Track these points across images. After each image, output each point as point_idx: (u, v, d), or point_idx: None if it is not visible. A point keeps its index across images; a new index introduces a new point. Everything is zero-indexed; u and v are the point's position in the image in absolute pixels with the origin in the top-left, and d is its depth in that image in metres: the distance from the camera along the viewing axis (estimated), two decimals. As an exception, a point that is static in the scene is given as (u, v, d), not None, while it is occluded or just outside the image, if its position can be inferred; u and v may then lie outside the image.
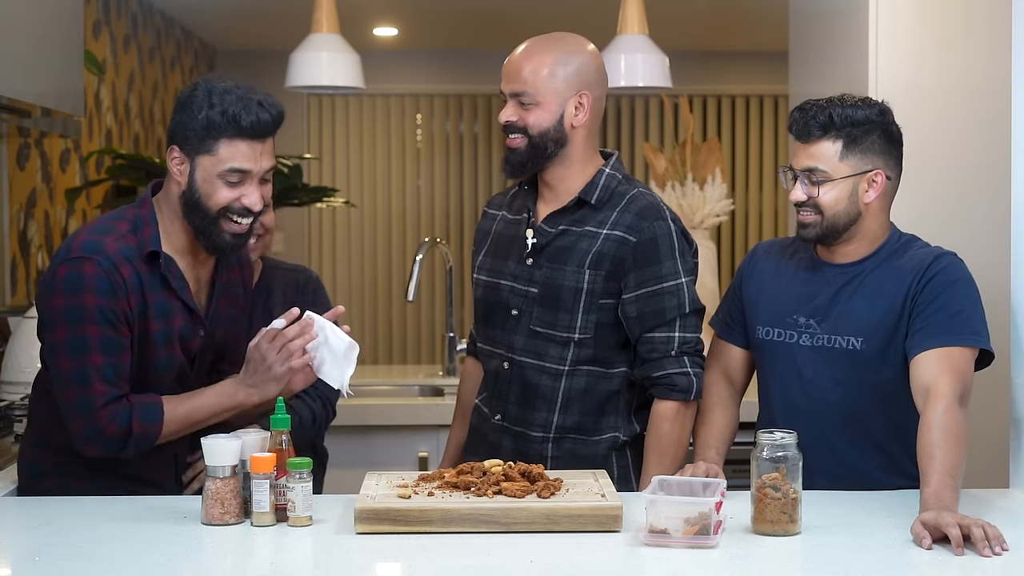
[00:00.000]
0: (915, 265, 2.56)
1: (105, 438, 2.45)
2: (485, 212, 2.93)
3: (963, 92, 3.46)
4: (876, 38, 3.49)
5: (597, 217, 2.70)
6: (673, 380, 2.67)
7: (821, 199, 2.54)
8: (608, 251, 2.67)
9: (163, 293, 2.51)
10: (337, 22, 4.51)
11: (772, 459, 2.23)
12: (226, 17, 6.37)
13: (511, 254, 2.77)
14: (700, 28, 6.59)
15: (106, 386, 2.43)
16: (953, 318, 2.49)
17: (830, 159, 2.54)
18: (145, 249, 2.49)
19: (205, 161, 2.46)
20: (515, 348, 2.74)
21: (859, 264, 2.61)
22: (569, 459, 2.71)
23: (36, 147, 4.43)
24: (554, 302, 2.70)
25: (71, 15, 3.66)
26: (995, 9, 3.36)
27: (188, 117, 2.46)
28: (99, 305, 2.43)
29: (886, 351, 2.55)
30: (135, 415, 2.45)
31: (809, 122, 2.54)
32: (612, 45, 4.48)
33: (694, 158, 4.70)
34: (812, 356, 2.60)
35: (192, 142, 2.46)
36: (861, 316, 2.56)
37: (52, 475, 2.59)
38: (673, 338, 2.68)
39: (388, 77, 7.43)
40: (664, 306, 2.67)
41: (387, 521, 2.22)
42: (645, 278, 2.67)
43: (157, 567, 2.09)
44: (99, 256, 2.44)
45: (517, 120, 2.69)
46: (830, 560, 2.14)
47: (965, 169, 3.48)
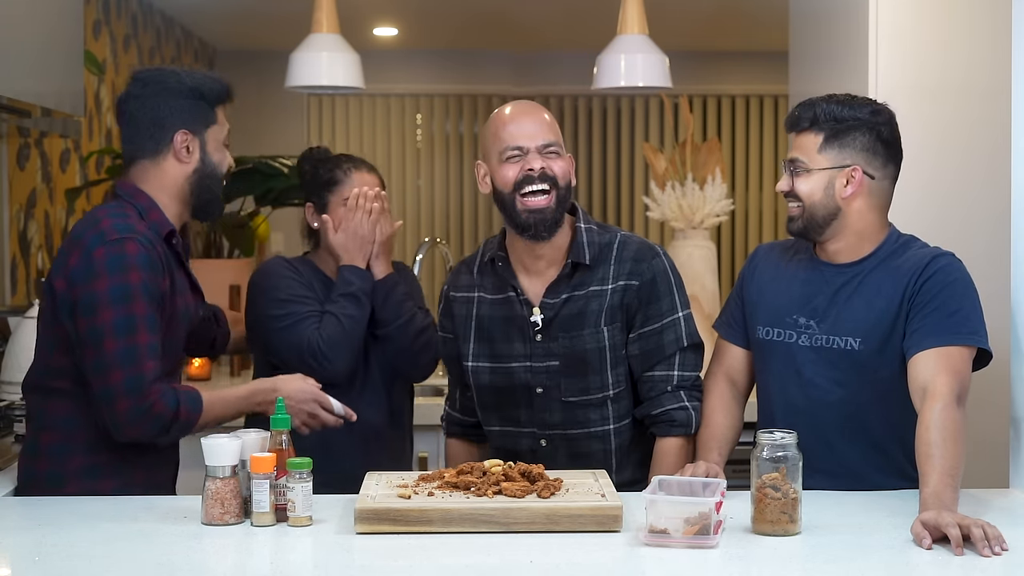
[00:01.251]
0: (913, 265, 2.57)
1: (152, 417, 2.46)
2: (452, 296, 2.86)
3: (963, 92, 3.46)
4: (876, 38, 3.49)
5: (596, 275, 2.71)
6: (672, 416, 2.70)
7: (797, 188, 2.60)
8: (617, 303, 2.70)
9: (179, 272, 2.60)
10: (337, 22, 4.51)
11: (772, 459, 2.23)
12: (226, 17, 6.36)
13: (513, 336, 2.75)
14: (700, 28, 6.59)
15: (154, 363, 2.47)
16: (951, 317, 2.49)
17: (809, 150, 2.60)
18: (164, 230, 2.56)
19: (213, 131, 2.64)
20: (551, 424, 2.74)
21: (858, 264, 2.61)
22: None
23: (36, 147, 4.43)
24: (582, 368, 2.70)
25: (71, 15, 3.66)
26: (995, 9, 3.36)
27: (189, 96, 2.60)
28: (144, 281, 2.47)
29: (884, 351, 2.55)
30: (182, 400, 2.49)
31: (798, 115, 2.62)
32: (612, 45, 4.48)
33: (694, 158, 4.70)
34: (811, 356, 2.61)
35: (200, 116, 2.61)
36: (859, 316, 2.57)
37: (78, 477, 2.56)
38: (672, 376, 2.71)
39: (388, 77, 7.42)
40: (663, 342, 2.71)
41: (387, 521, 2.22)
42: (648, 316, 2.71)
43: (157, 567, 2.09)
44: (137, 235, 2.49)
45: (547, 169, 2.66)
46: (830, 560, 2.14)
47: (965, 169, 3.48)
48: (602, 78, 4.47)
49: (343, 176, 3.06)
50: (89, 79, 4.94)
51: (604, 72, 4.47)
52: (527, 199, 2.65)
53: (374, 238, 3.01)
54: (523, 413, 2.76)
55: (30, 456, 2.62)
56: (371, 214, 3.00)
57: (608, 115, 7.91)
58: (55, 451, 2.58)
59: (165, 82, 2.60)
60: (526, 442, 2.77)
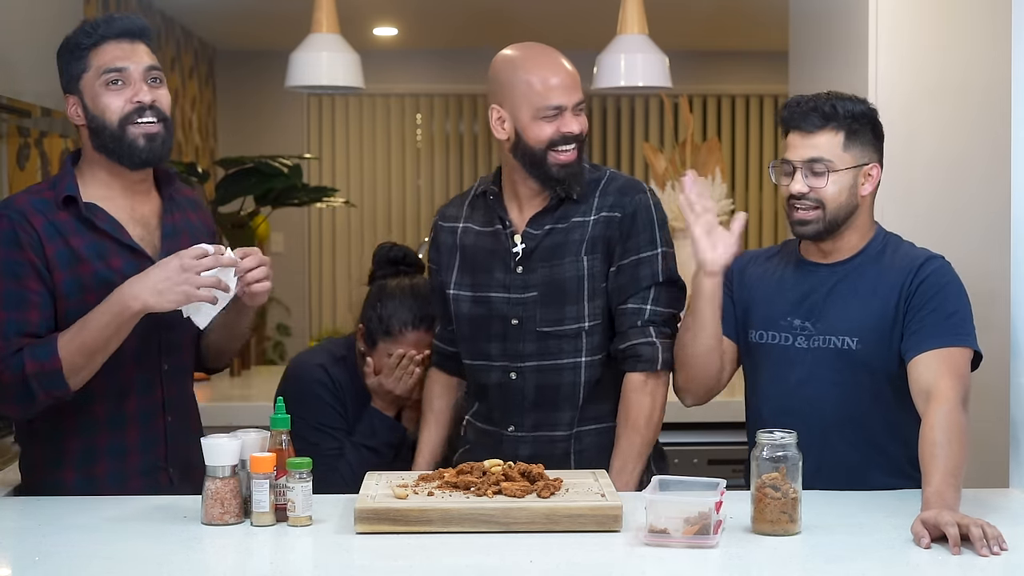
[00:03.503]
0: (907, 264, 2.56)
1: (6, 390, 2.40)
2: (439, 226, 2.85)
3: (962, 92, 3.46)
4: (876, 38, 3.49)
5: (580, 208, 2.71)
6: (638, 351, 2.67)
7: (826, 190, 2.53)
8: (599, 234, 2.69)
9: (93, 236, 2.49)
10: (337, 22, 4.51)
11: (772, 459, 2.23)
12: (226, 17, 6.37)
13: (495, 266, 2.75)
14: (700, 28, 6.59)
15: (4, 341, 2.40)
16: (949, 319, 2.49)
17: (834, 149, 2.54)
18: (60, 197, 2.49)
19: (87, 80, 2.50)
20: (524, 355, 2.73)
21: (849, 262, 2.60)
22: (594, 451, 2.71)
23: (36, 147, 4.43)
24: (559, 297, 2.69)
25: (71, 15, 3.66)
26: (995, 9, 3.36)
27: (63, 61, 2.53)
28: (4, 258, 2.42)
29: (881, 350, 2.55)
30: (27, 357, 2.39)
31: (810, 113, 2.54)
32: (612, 45, 4.48)
33: (694, 158, 4.71)
34: (808, 357, 2.60)
35: (73, 74, 2.51)
36: (855, 315, 2.56)
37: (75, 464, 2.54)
38: (643, 310, 2.68)
39: (388, 77, 7.42)
40: (639, 275, 2.68)
41: (387, 521, 2.22)
42: (627, 249, 2.69)
43: (157, 567, 2.09)
44: (7, 210, 2.46)
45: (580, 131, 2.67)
46: (830, 560, 2.14)
47: (964, 168, 3.48)
48: (602, 78, 4.48)
49: (397, 333, 3.02)
50: (89, 79, 4.93)
51: (604, 72, 4.47)
52: (560, 154, 2.66)
53: (408, 397, 3.03)
54: (495, 346, 2.75)
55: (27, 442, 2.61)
56: (412, 377, 3.01)
57: (608, 115, 7.91)
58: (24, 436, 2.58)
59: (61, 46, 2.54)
60: (496, 375, 2.76)
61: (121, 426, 2.56)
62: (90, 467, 2.55)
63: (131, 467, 2.57)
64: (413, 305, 3.03)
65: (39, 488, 2.57)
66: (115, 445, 2.56)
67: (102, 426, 2.54)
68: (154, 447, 2.60)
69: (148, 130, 2.49)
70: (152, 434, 2.60)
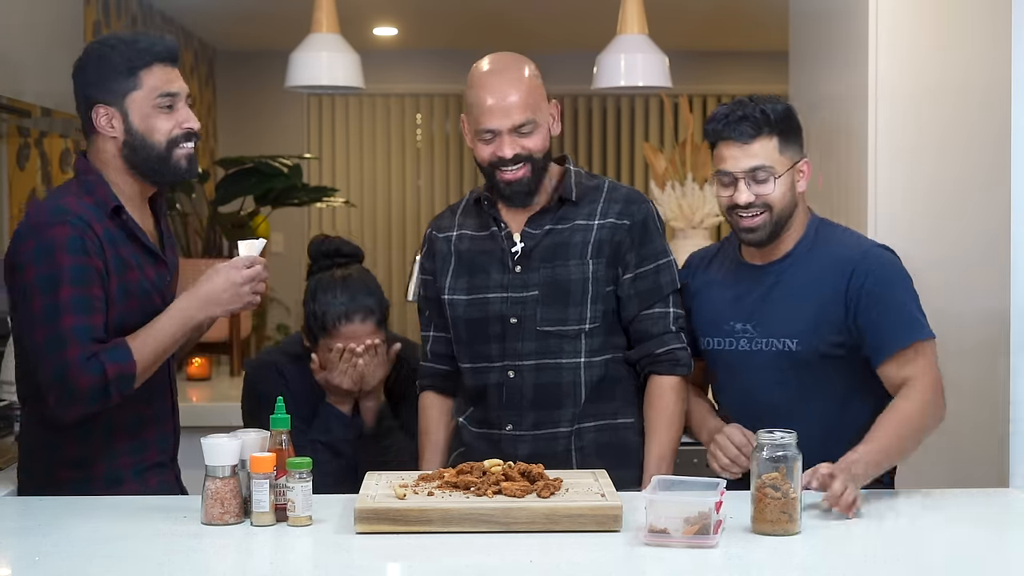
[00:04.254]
0: (845, 259, 2.59)
1: (84, 394, 2.42)
2: (434, 236, 2.87)
3: (962, 91, 3.46)
4: (876, 38, 3.49)
5: (582, 211, 2.75)
6: (676, 356, 2.72)
7: (773, 195, 2.57)
8: (605, 238, 2.72)
9: (132, 246, 2.55)
10: (337, 22, 4.51)
11: (772, 459, 2.23)
12: (226, 17, 6.36)
13: (491, 267, 2.76)
14: (700, 28, 6.59)
15: (80, 348, 2.42)
16: (901, 315, 2.54)
17: (772, 154, 2.57)
18: (108, 206, 2.52)
19: (135, 98, 2.52)
20: (523, 354, 2.74)
21: (783, 261, 2.64)
22: (593, 448, 2.72)
23: (36, 147, 4.43)
24: (562, 297, 2.71)
25: (71, 15, 3.66)
26: (995, 9, 3.35)
27: (101, 71, 2.53)
28: (73, 264, 2.44)
29: (820, 346, 2.58)
30: (106, 361, 2.43)
31: (741, 122, 2.56)
32: (612, 45, 4.48)
33: (694, 158, 4.71)
34: (753, 360, 2.63)
35: (115, 90, 2.52)
36: (791, 316, 2.60)
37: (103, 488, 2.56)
38: (669, 313, 2.74)
39: (388, 77, 7.42)
40: (661, 282, 2.74)
41: (387, 521, 2.22)
42: (643, 257, 2.74)
43: (157, 567, 2.09)
44: (69, 216, 2.46)
45: (521, 151, 2.69)
46: (830, 560, 2.14)
47: (964, 168, 3.48)
48: (602, 78, 4.48)
49: (332, 328, 2.98)
50: (89, 79, 4.93)
51: (604, 72, 4.47)
52: (504, 173, 2.69)
53: (358, 389, 3.00)
54: (494, 347, 2.76)
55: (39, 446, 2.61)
56: (355, 369, 2.98)
57: (608, 115, 7.91)
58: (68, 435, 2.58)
59: (89, 56, 2.55)
60: (495, 376, 2.76)
61: (140, 428, 2.60)
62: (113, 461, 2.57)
63: (148, 460, 2.61)
64: (346, 298, 2.99)
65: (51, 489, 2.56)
66: (135, 446, 2.59)
67: (121, 429, 2.57)
68: (168, 445, 2.68)
69: (189, 152, 2.58)
70: (165, 432, 2.67)
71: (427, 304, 2.89)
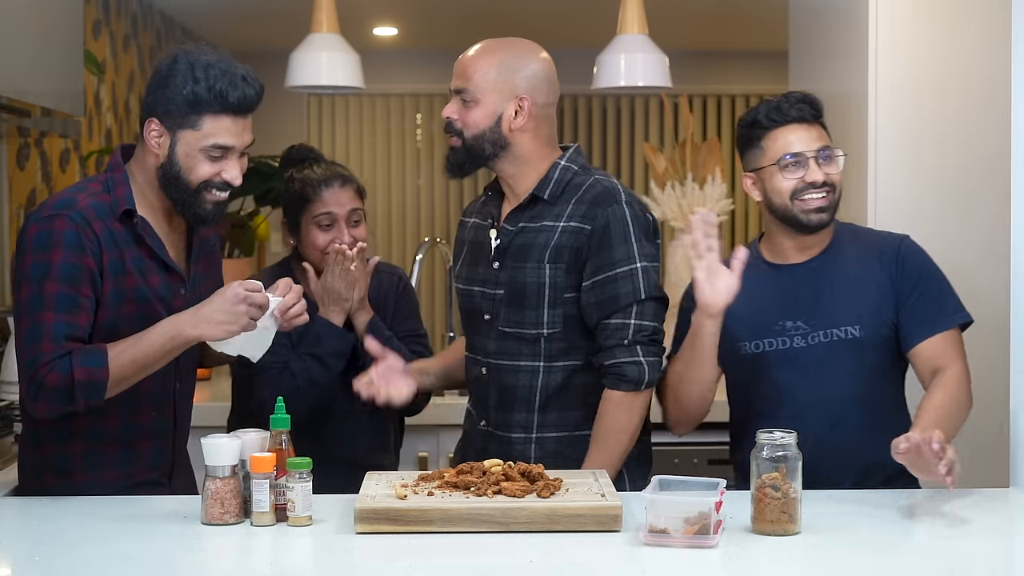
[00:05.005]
0: (882, 249, 2.68)
1: (47, 391, 2.39)
2: (462, 221, 2.92)
3: (963, 90, 3.46)
4: (876, 37, 3.49)
5: (554, 211, 2.69)
6: (623, 370, 2.63)
7: (839, 176, 2.66)
8: (566, 243, 2.66)
9: (138, 251, 2.51)
10: (337, 22, 4.51)
11: (772, 459, 2.23)
12: (226, 17, 6.36)
13: (480, 260, 2.78)
14: (700, 28, 6.59)
15: (53, 344, 2.39)
16: (937, 301, 2.63)
17: (829, 140, 2.68)
18: (119, 208, 2.49)
19: (188, 136, 2.48)
20: (489, 352, 2.74)
21: (823, 255, 2.70)
22: (554, 459, 2.68)
23: (36, 147, 4.43)
24: (520, 300, 2.69)
25: (71, 15, 3.66)
26: (995, 9, 3.35)
27: (171, 91, 2.47)
28: (65, 260, 2.42)
29: (881, 330, 2.64)
30: (76, 363, 2.39)
31: (801, 104, 2.66)
32: (612, 45, 4.48)
33: (694, 158, 4.70)
34: (810, 354, 2.64)
35: (175, 116, 2.47)
36: (850, 304, 2.64)
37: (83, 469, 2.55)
38: (628, 325, 2.63)
39: (388, 77, 7.42)
40: (618, 292, 2.63)
41: (387, 521, 2.22)
42: (599, 265, 2.64)
43: (157, 567, 2.09)
44: (70, 211, 2.44)
45: (456, 119, 2.70)
46: (830, 560, 2.14)
47: (965, 166, 3.48)
48: (602, 78, 4.48)
49: (312, 194, 3.00)
50: (89, 79, 4.94)
51: (604, 72, 4.47)
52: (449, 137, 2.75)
53: (351, 295, 2.98)
54: (476, 340, 2.79)
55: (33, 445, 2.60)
56: (348, 273, 2.97)
57: (608, 115, 7.91)
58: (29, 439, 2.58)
59: (169, 68, 2.49)
60: (473, 369, 2.80)
61: (132, 438, 2.57)
62: (98, 473, 2.55)
63: (138, 477, 2.58)
64: (322, 169, 3.03)
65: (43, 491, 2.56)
66: (124, 455, 2.57)
67: (113, 437, 2.55)
68: (162, 461, 2.63)
69: (218, 199, 2.53)
70: (162, 447, 2.63)
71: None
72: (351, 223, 3.02)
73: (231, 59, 2.52)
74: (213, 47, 2.55)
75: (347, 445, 3.04)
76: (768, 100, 2.69)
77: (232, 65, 2.50)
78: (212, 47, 2.55)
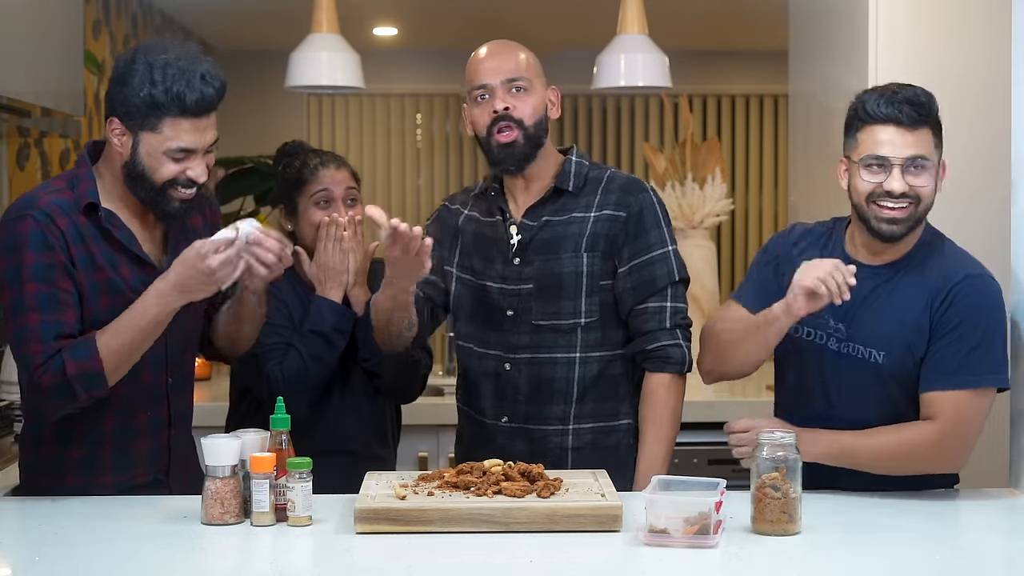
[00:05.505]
0: (941, 280, 2.48)
1: (47, 392, 2.40)
2: (445, 207, 2.89)
3: (963, 90, 3.46)
4: (876, 38, 3.49)
5: (580, 202, 2.72)
6: (668, 352, 2.68)
7: (926, 189, 2.48)
8: (601, 231, 2.69)
9: (107, 245, 2.49)
10: (337, 22, 4.51)
11: (772, 459, 2.23)
12: (226, 17, 6.36)
13: (495, 256, 2.77)
14: (700, 28, 6.59)
15: (42, 345, 2.39)
16: (970, 355, 2.44)
17: (930, 146, 2.49)
18: (82, 202, 2.47)
19: (149, 138, 2.44)
20: (517, 347, 2.74)
21: (892, 266, 2.54)
22: (591, 450, 2.71)
23: (36, 147, 4.43)
24: (555, 291, 2.69)
25: (71, 15, 3.66)
26: (995, 9, 3.36)
27: (129, 92, 2.43)
28: (36, 261, 2.41)
29: (907, 363, 2.50)
30: (67, 359, 2.38)
31: (906, 105, 2.47)
32: (612, 45, 4.48)
33: (694, 158, 4.71)
34: (839, 362, 2.55)
35: (135, 118, 2.44)
36: (885, 328, 2.50)
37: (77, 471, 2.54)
38: (665, 308, 2.69)
39: (388, 77, 7.42)
40: (655, 275, 2.69)
41: (387, 521, 2.22)
42: (636, 250, 2.70)
43: (157, 567, 2.09)
44: (32, 210, 2.43)
45: (512, 109, 2.69)
46: (830, 560, 2.14)
47: (965, 167, 3.47)
48: (602, 78, 4.48)
49: (309, 175, 3.01)
50: (89, 79, 4.93)
51: (604, 72, 4.47)
52: (497, 135, 2.70)
53: (347, 268, 2.95)
54: (492, 336, 2.77)
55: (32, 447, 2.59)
56: (342, 243, 2.95)
57: (608, 115, 7.90)
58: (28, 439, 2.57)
59: (127, 67, 2.45)
60: (491, 364, 2.78)
61: (129, 438, 2.56)
62: (93, 477, 2.54)
63: (136, 479, 2.57)
64: (315, 154, 3.04)
65: (39, 493, 2.55)
66: (121, 456, 2.56)
67: (109, 438, 2.54)
68: (158, 460, 2.61)
69: (184, 196, 2.49)
70: (158, 446, 2.61)
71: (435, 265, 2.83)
72: (347, 203, 3.03)
73: (194, 55, 2.47)
74: (177, 41, 2.51)
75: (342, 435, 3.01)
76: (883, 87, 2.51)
77: (192, 63, 2.45)
78: (176, 41, 2.51)
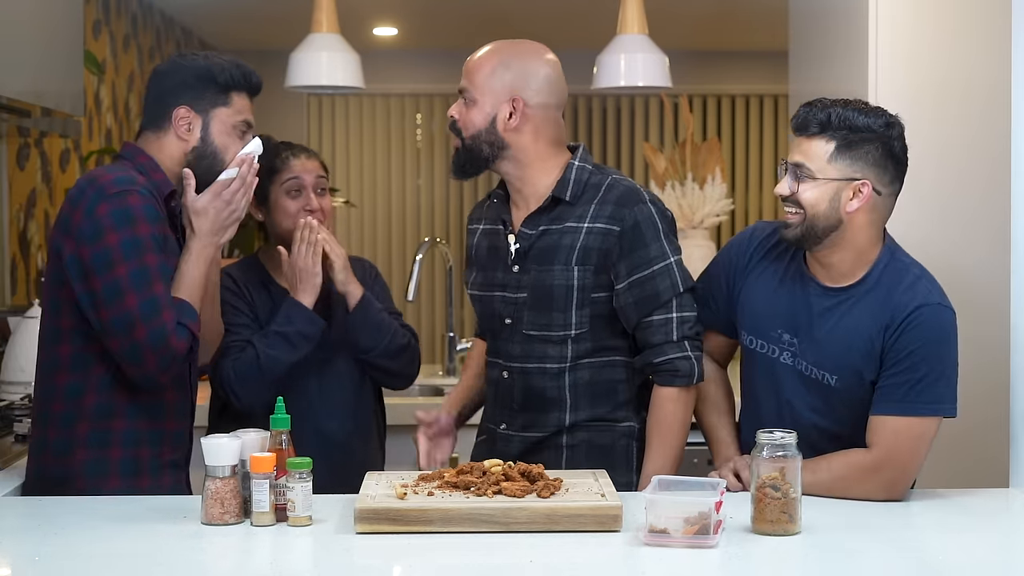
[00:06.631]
0: (895, 307, 2.48)
1: (179, 359, 2.51)
2: (469, 229, 2.92)
3: (964, 91, 3.46)
4: (876, 38, 3.49)
5: (576, 212, 2.69)
6: (676, 366, 2.66)
7: (803, 195, 2.48)
8: (593, 244, 2.66)
9: (172, 231, 2.62)
10: (337, 22, 4.51)
11: (772, 459, 2.23)
12: (226, 17, 6.37)
13: (497, 265, 2.77)
14: (700, 28, 6.59)
15: (172, 311, 2.49)
16: (916, 385, 2.45)
17: (819, 158, 2.47)
18: (165, 189, 2.59)
19: (221, 113, 2.63)
20: (512, 356, 2.74)
21: (845, 291, 2.53)
22: (586, 448, 2.71)
23: (36, 147, 4.43)
24: (546, 303, 2.68)
25: (71, 15, 3.66)
26: (995, 9, 3.36)
27: (199, 76, 2.61)
28: (152, 232, 2.50)
29: (857, 385, 2.52)
30: (187, 322, 2.51)
31: (808, 117, 2.49)
32: (612, 45, 4.48)
33: (694, 158, 4.71)
34: (791, 376, 2.57)
35: (206, 96, 2.61)
36: (835, 353, 2.52)
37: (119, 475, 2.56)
38: (671, 319, 2.66)
39: (388, 77, 7.42)
40: (658, 289, 2.65)
41: (387, 521, 2.22)
42: (635, 265, 2.65)
43: (157, 567, 2.09)
44: (136, 187, 2.52)
45: (458, 118, 2.73)
46: (830, 560, 2.14)
47: (964, 169, 3.48)
48: (602, 78, 4.48)
49: (280, 164, 3.02)
50: (89, 79, 4.94)
51: (604, 72, 4.47)
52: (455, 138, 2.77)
53: (319, 272, 2.94)
54: (497, 344, 2.79)
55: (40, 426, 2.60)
56: (315, 247, 2.94)
57: (608, 115, 7.91)
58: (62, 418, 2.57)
59: (182, 61, 2.65)
60: (495, 372, 2.80)
61: (160, 416, 2.60)
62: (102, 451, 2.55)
63: (164, 458, 2.62)
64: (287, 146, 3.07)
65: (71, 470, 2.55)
66: (153, 435, 2.59)
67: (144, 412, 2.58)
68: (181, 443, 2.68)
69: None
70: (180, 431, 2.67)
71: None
72: (317, 191, 3.03)
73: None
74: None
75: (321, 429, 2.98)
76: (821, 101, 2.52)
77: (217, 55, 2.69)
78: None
